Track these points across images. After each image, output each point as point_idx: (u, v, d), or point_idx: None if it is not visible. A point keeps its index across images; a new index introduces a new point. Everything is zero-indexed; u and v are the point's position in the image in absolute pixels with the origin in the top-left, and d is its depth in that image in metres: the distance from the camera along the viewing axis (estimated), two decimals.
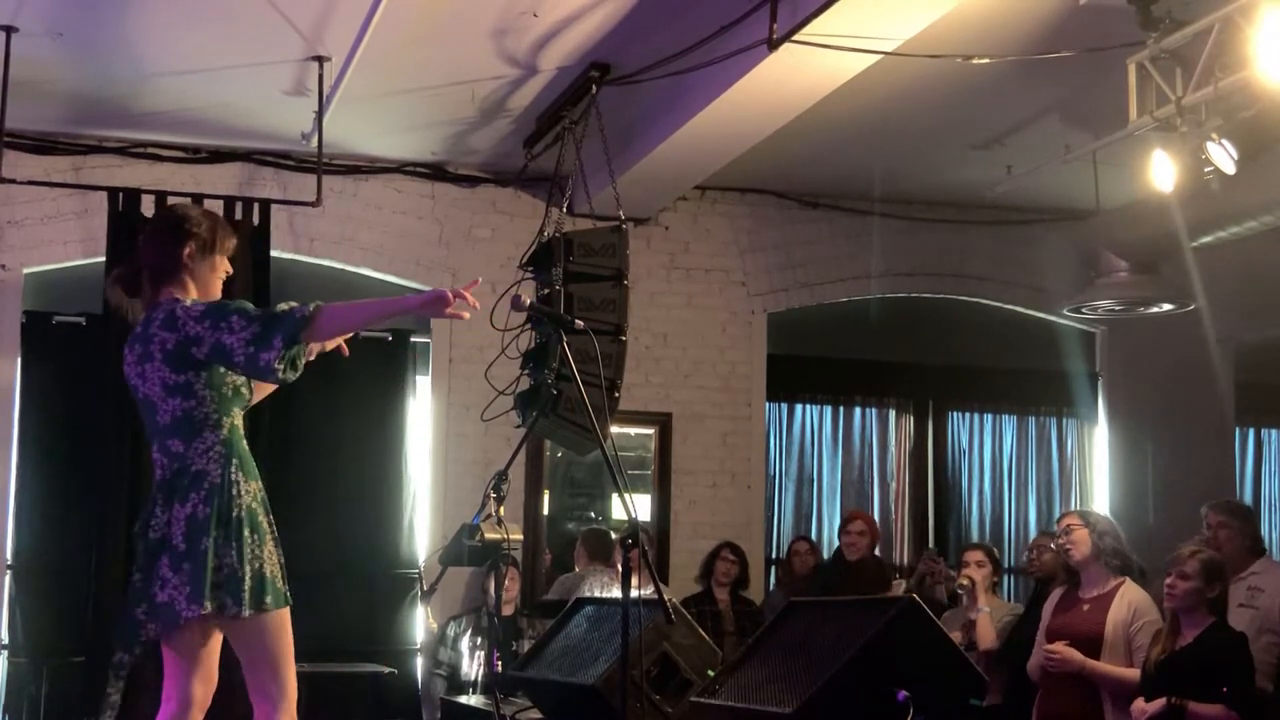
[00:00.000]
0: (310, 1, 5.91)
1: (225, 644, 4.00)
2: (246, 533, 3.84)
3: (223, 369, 3.84)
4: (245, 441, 3.97)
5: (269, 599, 3.84)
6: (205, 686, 4.05)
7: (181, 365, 3.83)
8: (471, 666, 7.39)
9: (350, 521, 7.78)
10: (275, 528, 3.96)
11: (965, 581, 6.38)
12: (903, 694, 3.96)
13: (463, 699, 6.39)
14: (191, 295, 3.97)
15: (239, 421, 3.95)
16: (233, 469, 3.88)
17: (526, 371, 6.43)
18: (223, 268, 4.09)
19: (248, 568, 3.81)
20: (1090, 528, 5.52)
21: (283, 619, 3.91)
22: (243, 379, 3.92)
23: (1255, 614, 5.69)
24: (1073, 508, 6.58)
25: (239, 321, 3.75)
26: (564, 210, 6.80)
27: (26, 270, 7.68)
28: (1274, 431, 10.21)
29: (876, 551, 7.91)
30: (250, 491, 3.91)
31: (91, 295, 7.37)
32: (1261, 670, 5.38)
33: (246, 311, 3.79)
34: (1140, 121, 5.51)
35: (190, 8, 6.03)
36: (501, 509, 4.77)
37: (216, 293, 4.05)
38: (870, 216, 8.82)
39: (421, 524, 8.01)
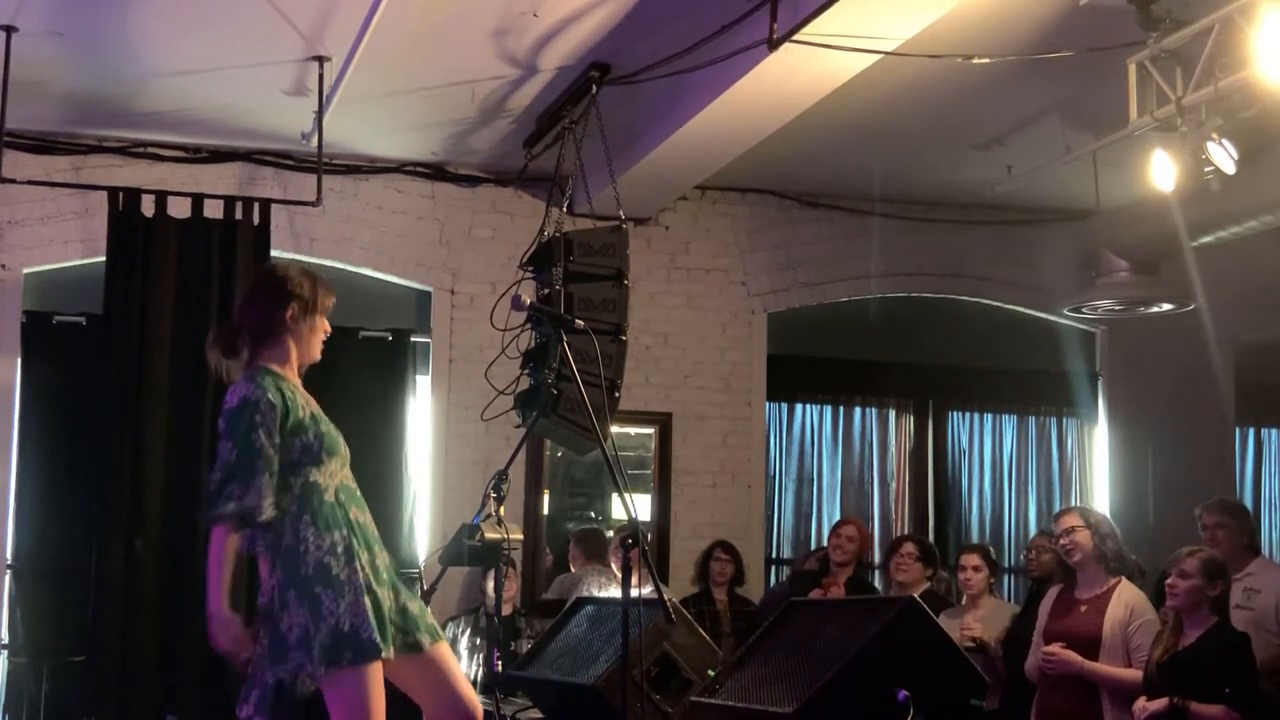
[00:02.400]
0: (310, 1, 5.91)
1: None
2: (318, 589, 3.84)
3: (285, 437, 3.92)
4: (333, 494, 3.97)
5: (348, 654, 3.82)
6: None
7: None
8: (471, 667, 7.39)
9: None
10: (373, 573, 3.93)
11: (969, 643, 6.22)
12: (903, 694, 3.96)
13: None
14: (291, 357, 4.06)
15: (316, 478, 3.96)
16: (302, 526, 3.90)
17: (526, 371, 6.43)
18: (322, 327, 4.13)
19: (322, 625, 3.81)
20: (1092, 529, 5.51)
21: (367, 675, 3.86)
22: (304, 445, 3.95)
23: (1252, 615, 5.70)
24: (1071, 505, 6.56)
25: (225, 457, 3.91)
26: (564, 210, 6.80)
27: (26, 270, 7.68)
28: (1274, 431, 10.21)
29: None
30: (323, 546, 3.89)
31: (91, 295, 7.40)
32: (1260, 671, 5.37)
33: (238, 454, 3.88)
34: (1140, 121, 5.51)
35: (190, 8, 6.03)
36: (501, 509, 4.77)
37: (316, 352, 4.13)
38: (870, 216, 8.82)
39: (421, 524, 8.01)
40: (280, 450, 3.90)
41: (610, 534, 7.93)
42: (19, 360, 7.58)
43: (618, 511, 8.44)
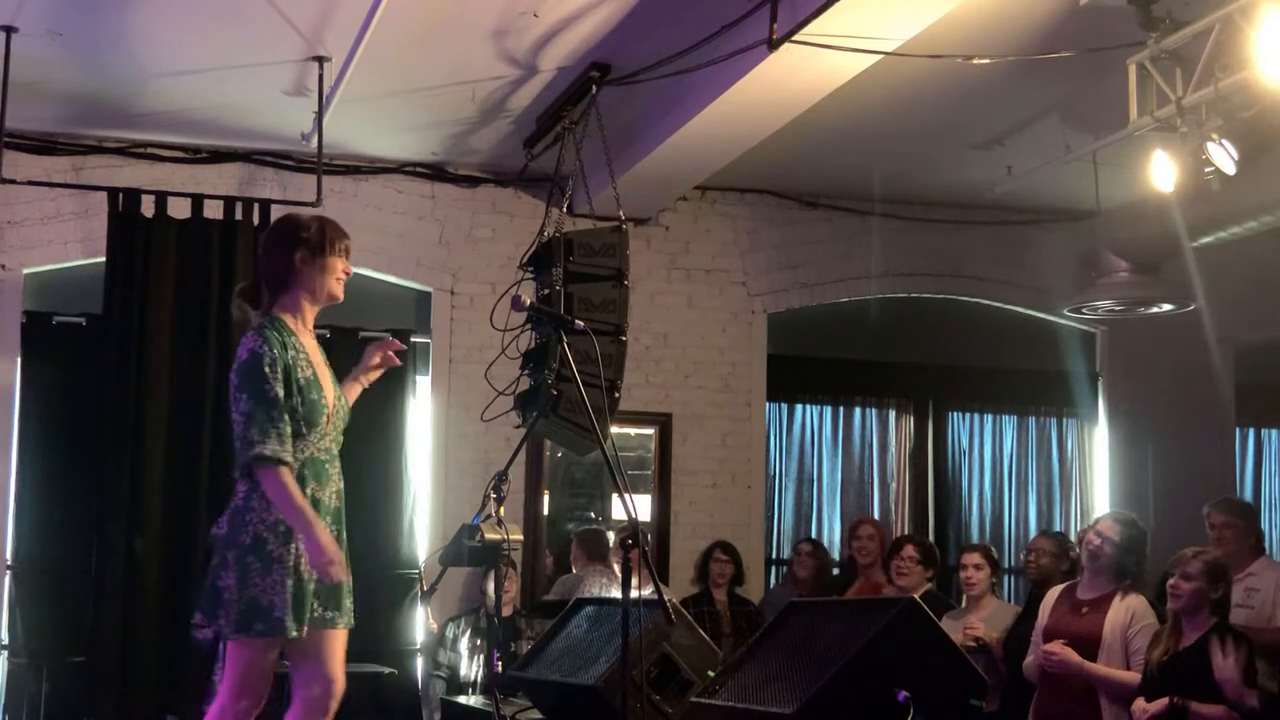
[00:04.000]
0: (310, 1, 5.91)
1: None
2: (249, 559, 3.99)
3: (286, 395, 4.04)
4: (327, 463, 4.14)
5: (258, 626, 3.98)
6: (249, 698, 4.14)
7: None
8: (471, 667, 7.39)
9: (350, 521, 7.72)
10: (298, 558, 4.05)
11: (972, 643, 6.23)
12: (903, 694, 3.96)
13: (462, 699, 6.39)
14: (303, 303, 4.16)
15: (315, 446, 4.13)
16: (256, 496, 4.02)
17: (526, 372, 6.43)
18: (338, 268, 4.22)
19: (244, 594, 3.97)
20: (1121, 548, 5.46)
21: (262, 647, 4.05)
22: (292, 409, 4.05)
23: (1251, 614, 5.71)
24: (1109, 511, 6.48)
25: (243, 407, 3.99)
26: (564, 210, 6.80)
27: (26, 270, 7.68)
28: (1274, 431, 10.20)
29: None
30: (266, 520, 4.02)
31: (91, 295, 7.40)
32: (1260, 670, 5.37)
33: (253, 403, 3.97)
34: (1140, 122, 5.51)
35: (190, 8, 6.03)
36: (501, 509, 4.77)
37: (337, 293, 4.23)
38: (870, 216, 8.82)
39: (421, 524, 8.00)
40: (285, 405, 4.03)
41: (611, 535, 7.93)
42: (19, 360, 7.58)
43: (618, 512, 8.43)
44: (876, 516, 8.97)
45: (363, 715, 6.93)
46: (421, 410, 8.16)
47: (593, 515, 8.68)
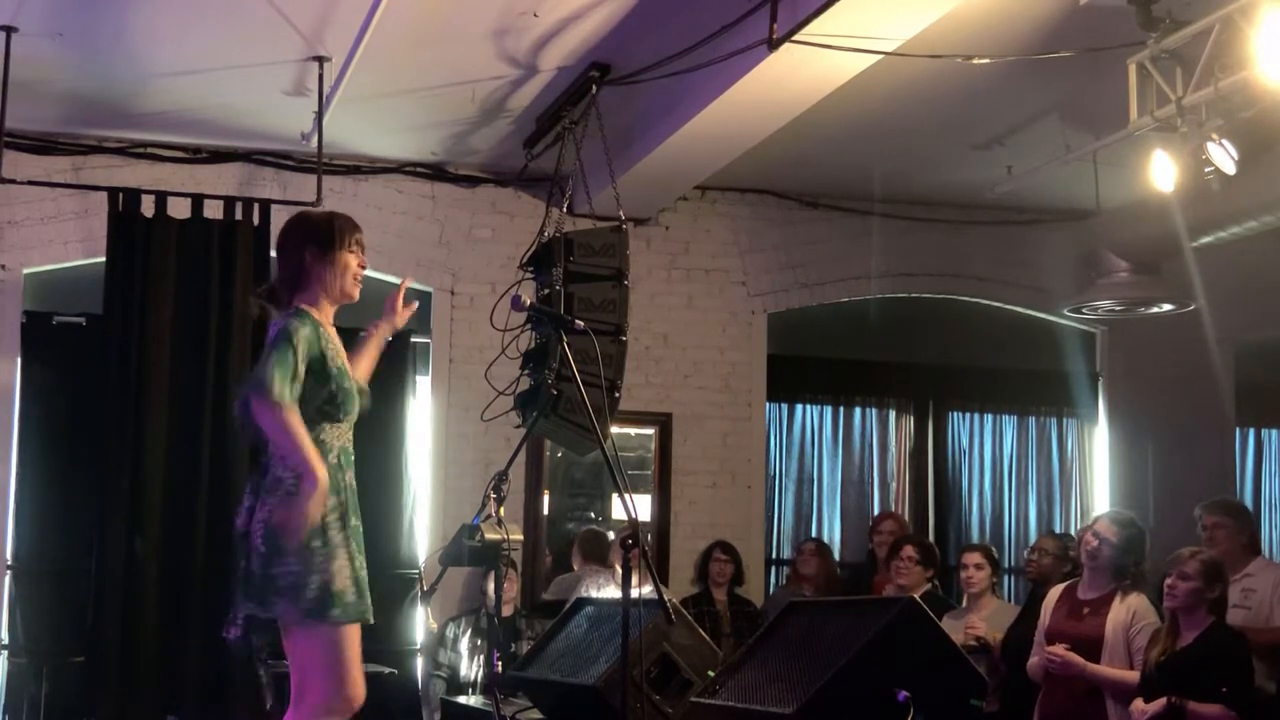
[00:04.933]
0: (310, 1, 5.91)
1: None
2: (315, 543, 3.95)
3: (309, 385, 4.02)
4: (335, 455, 4.09)
5: (336, 611, 3.95)
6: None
7: None
8: (471, 667, 7.39)
9: None
10: (357, 543, 4.06)
11: (973, 643, 6.25)
12: (903, 694, 3.96)
13: (462, 699, 6.40)
14: (321, 300, 4.16)
15: (326, 436, 4.08)
16: (306, 480, 3.95)
17: (526, 372, 6.43)
18: (351, 264, 4.21)
19: (313, 579, 3.92)
20: (1120, 548, 5.46)
21: (345, 633, 4.00)
22: (329, 395, 4.06)
23: (1248, 614, 5.69)
24: (1106, 511, 6.49)
25: (265, 360, 3.97)
26: (564, 210, 6.80)
27: (26, 270, 7.68)
28: (1274, 431, 10.21)
29: None
30: (327, 504, 3.99)
31: (91, 295, 7.40)
32: (1258, 670, 5.37)
33: (276, 357, 3.95)
34: (1140, 122, 5.51)
35: (190, 8, 6.03)
36: (501, 509, 4.78)
37: (351, 291, 4.23)
38: (870, 216, 8.82)
39: (421, 524, 8.00)
40: (307, 389, 4.02)
41: (611, 535, 7.94)
42: (19, 360, 7.58)
43: (618, 512, 8.43)
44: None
45: (362, 715, 6.94)
46: (421, 410, 8.16)
47: (593, 515, 8.67)
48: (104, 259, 7.31)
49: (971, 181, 8.15)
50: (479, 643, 7.36)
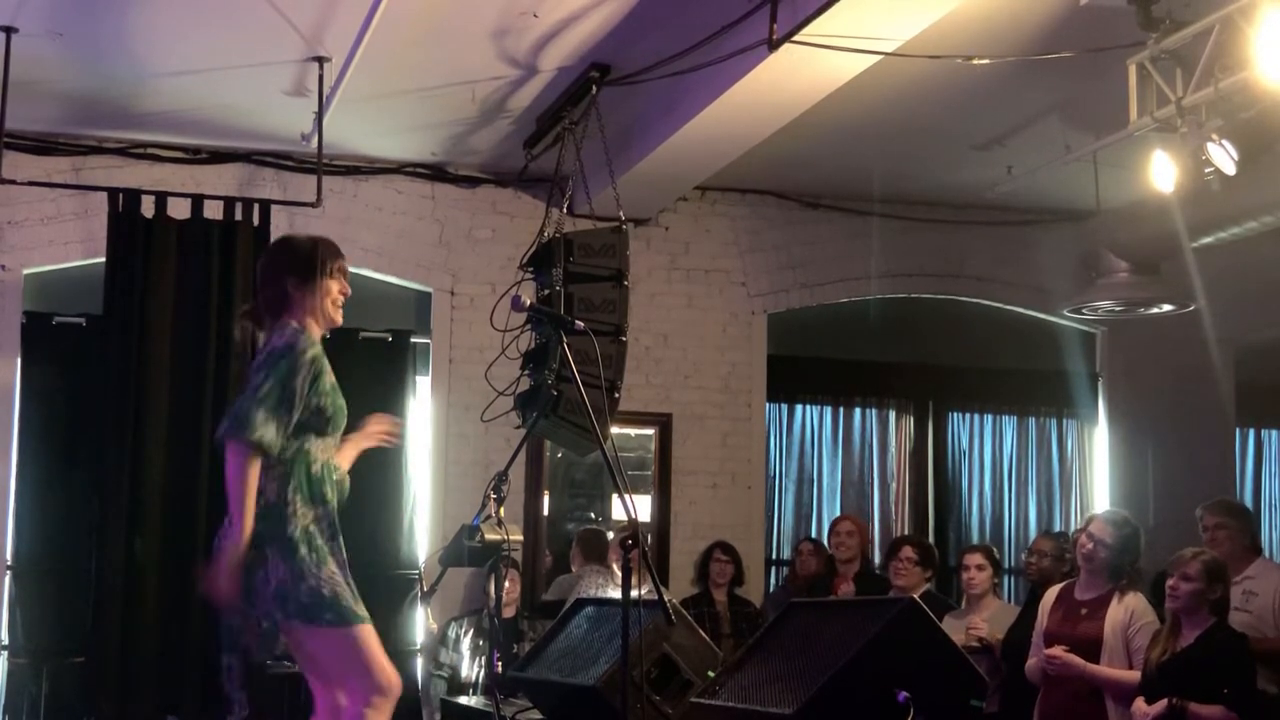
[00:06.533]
0: (310, 1, 5.91)
1: None
2: (303, 550, 3.98)
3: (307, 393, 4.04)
4: (318, 468, 4.11)
5: (328, 615, 3.97)
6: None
7: None
8: (472, 668, 7.39)
9: (350, 522, 7.69)
10: (343, 552, 4.10)
11: (974, 643, 6.25)
12: (903, 694, 3.96)
13: (462, 700, 6.39)
14: (308, 324, 4.15)
15: (313, 447, 4.11)
16: (289, 491, 4.00)
17: (526, 372, 6.43)
18: (333, 291, 4.22)
19: (302, 584, 3.95)
20: (1115, 549, 5.46)
21: (357, 631, 4.02)
22: (319, 409, 4.07)
23: (1250, 618, 5.68)
24: (1099, 512, 6.49)
25: (261, 385, 3.97)
26: (564, 211, 6.80)
27: (26, 270, 7.68)
28: (1274, 432, 10.21)
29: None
30: (309, 515, 4.04)
31: (91, 295, 7.40)
32: (1260, 673, 5.37)
33: (276, 387, 3.96)
34: (1140, 122, 5.51)
35: (190, 8, 6.03)
36: (501, 510, 4.78)
37: (335, 317, 4.25)
38: (870, 216, 8.82)
39: (421, 524, 8.00)
40: (301, 400, 4.03)
41: (611, 535, 7.93)
42: (19, 360, 7.58)
43: (618, 512, 8.43)
44: (876, 517, 8.98)
45: None
46: (421, 410, 8.15)
47: (593, 515, 8.68)
48: (104, 259, 7.31)
49: (971, 181, 8.15)
50: (480, 643, 7.35)
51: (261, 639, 4.06)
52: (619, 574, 4.12)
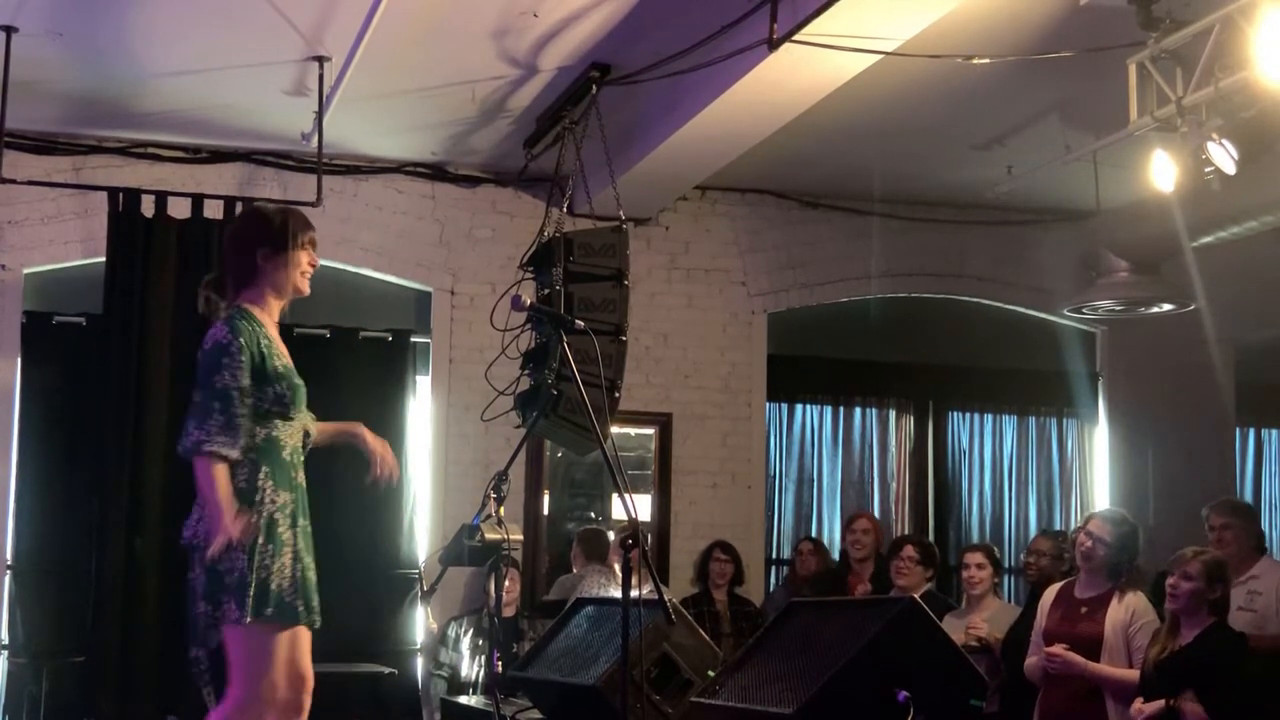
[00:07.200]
0: (310, 1, 5.91)
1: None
2: (260, 539, 3.94)
3: (253, 389, 4.00)
4: (289, 453, 4.09)
5: (269, 610, 3.93)
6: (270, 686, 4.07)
7: None
8: (473, 667, 7.39)
9: (350, 521, 7.74)
10: (305, 544, 4.06)
11: (975, 643, 6.25)
12: (903, 694, 3.96)
13: (462, 699, 6.39)
14: (267, 297, 4.16)
15: (279, 433, 4.08)
16: (260, 477, 3.98)
17: (526, 372, 6.43)
18: (300, 261, 4.21)
19: (254, 576, 3.91)
20: (1114, 547, 5.46)
21: (277, 637, 3.97)
22: (277, 395, 4.05)
23: (1253, 617, 5.69)
24: (1097, 510, 6.49)
25: (195, 396, 3.98)
26: (564, 210, 6.80)
27: (26, 270, 7.68)
28: (1274, 431, 10.20)
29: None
30: (276, 501, 4.00)
31: (91, 295, 7.40)
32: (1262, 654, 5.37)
33: (204, 393, 3.96)
34: (1140, 122, 5.51)
35: (190, 8, 6.03)
36: (501, 509, 4.78)
37: (302, 287, 4.24)
38: (870, 216, 8.82)
39: (421, 524, 8.00)
40: (250, 393, 4.00)
41: (611, 534, 7.93)
42: (19, 360, 7.58)
43: (618, 512, 8.43)
44: (876, 516, 8.96)
45: (362, 715, 6.95)
46: (421, 410, 8.15)
47: (593, 515, 8.67)
48: (104, 259, 7.31)
49: (971, 181, 8.15)
50: (480, 643, 7.35)
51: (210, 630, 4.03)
52: (620, 574, 4.12)
